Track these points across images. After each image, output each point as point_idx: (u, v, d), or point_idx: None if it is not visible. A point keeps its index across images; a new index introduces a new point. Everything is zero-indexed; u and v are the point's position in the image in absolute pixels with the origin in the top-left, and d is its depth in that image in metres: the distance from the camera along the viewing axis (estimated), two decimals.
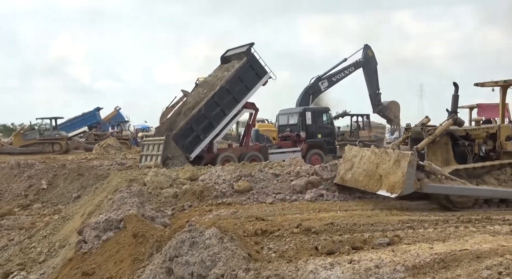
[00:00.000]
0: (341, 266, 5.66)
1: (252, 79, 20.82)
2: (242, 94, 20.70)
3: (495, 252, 5.89)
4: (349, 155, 11.64)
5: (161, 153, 19.05)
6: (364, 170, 10.51)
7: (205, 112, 20.04)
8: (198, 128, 19.95)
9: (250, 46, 20.89)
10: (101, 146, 29.89)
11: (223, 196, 10.99)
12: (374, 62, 29.72)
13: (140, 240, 6.75)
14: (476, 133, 10.87)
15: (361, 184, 10.41)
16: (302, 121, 23.09)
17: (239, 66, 20.49)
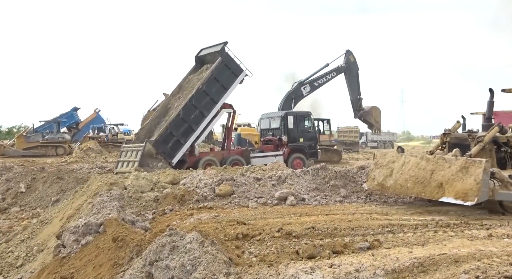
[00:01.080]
0: (322, 270, 5.69)
1: (229, 79, 20.72)
2: (219, 94, 20.55)
3: (472, 257, 5.98)
4: (383, 160, 11.58)
5: (138, 159, 18.89)
6: (411, 176, 10.39)
7: (184, 116, 19.90)
8: (178, 133, 19.79)
9: (224, 45, 20.73)
10: (81, 149, 29.58)
11: (204, 200, 10.97)
12: (356, 67, 29.96)
13: (120, 244, 6.68)
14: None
15: (413, 191, 10.31)
16: (284, 125, 23.16)
17: (214, 67, 20.36)
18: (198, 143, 21.54)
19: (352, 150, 46.52)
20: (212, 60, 21.21)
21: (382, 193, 11.51)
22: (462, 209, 10.40)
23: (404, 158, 11.08)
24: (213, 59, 21.22)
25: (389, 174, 11.14)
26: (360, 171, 13.04)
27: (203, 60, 22.19)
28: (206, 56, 21.98)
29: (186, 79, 22.15)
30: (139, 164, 18.64)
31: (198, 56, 22.32)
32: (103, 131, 42.08)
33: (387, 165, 11.36)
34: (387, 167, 11.34)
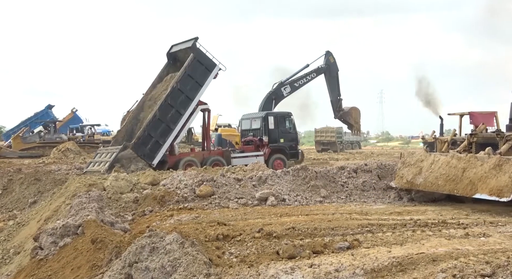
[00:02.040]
0: (302, 270, 5.71)
1: (202, 74, 20.56)
2: (194, 91, 20.42)
3: (450, 255, 6.06)
4: (411, 159, 12.12)
5: (111, 160, 18.69)
6: (442, 174, 10.94)
7: (161, 116, 19.71)
8: (156, 134, 19.60)
9: (195, 41, 20.56)
10: (59, 149, 29.17)
11: (184, 201, 10.92)
12: (336, 68, 30.13)
13: (99, 246, 6.61)
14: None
15: (444, 188, 10.85)
16: (264, 126, 23.17)
17: (187, 64, 20.17)
18: (177, 142, 21.40)
19: (331, 149, 46.85)
20: (184, 57, 21.00)
21: (411, 190, 11.95)
22: (440, 209, 10.57)
23: (433, 156, 11.71)
24: (184, 55, 21.01)
25: (418, 172, 11.69)
26: (340, 171, 13.12)
27: (175, 56, 21.96)
28: (177, 52, 21.76)
29: (159, 77, 21.94)
30: (110, 164, 18.45)
31: (169, 53, 22.09)
32: (80, 132, 41.54)
33: (416, 163, 11.91)
34: (415, 165, 11.88)
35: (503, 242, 7.03)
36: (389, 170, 13.23)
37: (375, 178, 12.94)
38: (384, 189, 12.61)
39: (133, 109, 21.53)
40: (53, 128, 34.57)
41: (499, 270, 5.09)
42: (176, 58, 21.95)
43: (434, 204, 11.47)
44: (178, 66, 21.40)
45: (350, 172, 13.03)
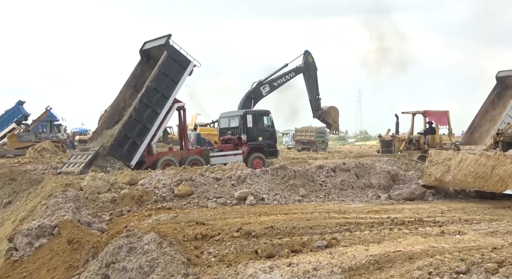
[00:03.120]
0: (280, 269, 5.73)
1: (177, 72, 20.28)
2: (170, 89, 20.12)
3: (426, 253, 6.15)
4: (438, 158, 12.56)
5: (86, 161, 18.46)
6: (471, 172, 11.47)
7: (137, 116, 19.43)
8: (133, 134, 19.32)
9: (168, 38, 20.26)
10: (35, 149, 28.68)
11: (163, 201, 10.86)
12: (314, 68, 30.27)
13: (75, 246, 6.54)
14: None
15: (474, 185, 11.51)
16: (243, 124, 23.15)
17: (161, 62, 19.87)
18: (155, 141, 21.22)
19: (310, 149, 47.14)
20: (158, 54, 20.72)
21: (439, 187, 12.48)
22: (416, 207, 10.72)
23: (461, 155, 12.26)
24: (158, 53, 20.73)
25: (446, 170, 12.13)
26: (318, 170, 13.18)
27: (149, 54, 21.68)
28: (151, 50, 21.46)
29: (133, 75, 21.70)
30: (85, 166, 18.21)
31: (142, 50, 21.78)
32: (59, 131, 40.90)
33: (443, 162, 12.32)
34: (443, 164, 12.30)
35: (477, 240, 7.15)
36: (367, 168, 13.36)
37: (353, 176, 13.04)
38: (362, 188, 12.72)
39: (108, 109, 21.22)
40: (49, 127, 34.12)
41: (473, 267, 5.18)
42: (149, 55, 21.67)
43: (411, 203, 11.64)
44: (152, 63, 21.12)
45: (328, 171, 13.11)
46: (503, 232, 7.85)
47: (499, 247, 6.40)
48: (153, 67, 20.59)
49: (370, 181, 12.93)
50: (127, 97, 21.22)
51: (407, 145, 23.56)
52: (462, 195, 12.59)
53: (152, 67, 20.69)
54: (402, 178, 13.39)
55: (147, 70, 21.14)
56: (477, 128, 28.02)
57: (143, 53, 21.74)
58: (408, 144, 23.69)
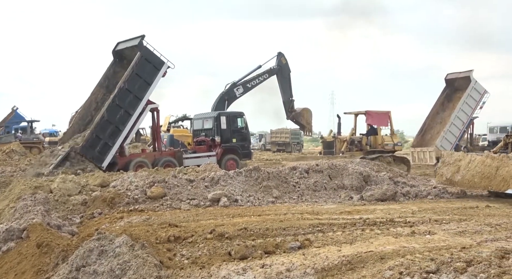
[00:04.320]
0: (253, 271, 5.73)
1: (151, 73, 20.09)
2: (143, 90, 19.93)
3: (397, 253, 6.24)
4: (450, 159, 13.28)
5: (56, 162, 18.18)
6: (478, 172, 12.21)
7: (109, 117, 19.19)
8: (104, 136, 19.07)
9: (142, 39, 20.08)
10: (4, 151, 28.05)
11: (135, 203, 10.74)
12: (288, 69, 30.38)
13: (45, 250, 6.40)
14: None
15: (480, 185, 12.21)
16: (217, 126, 23.09)
17: (134, 62, 19.69)
18: (127, 143, 20.99)
19: (285, 150, 47.38)
20: (131, 55, 20.53)
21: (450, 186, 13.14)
22: (388, 208, 10.86)
23: (470, 156, 12.95)
24: (131, 54, 20.54)
25: (456, 170, 12.85)
26: (292, 171, 13.23)
27: (121, 54, 21.45)
28: (124, 50, 21.24)
29: (105, 76, 21.45)
30: (54, 167, 17.91)
31: (115, 51, 21.52)
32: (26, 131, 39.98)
33: (454, 163, 13.05)
34: (454, 164, 13.02)
35: (447, 239, 7.29)
36: (339, 170, 13.47)
37: (326, 178, 13.14)
38: (334, 189, 12.82)
39: (80, 110, 20.90)
40: (29, 129, 33.50)
41: (443, 267, 5.28)
42: (122, 56, 21.45)
43: (383, 203, 11.79)
44: (125, 64, 20.91)
45: (301, 172, 13.17)
46: (471, 231, 8.03)
47: (468, 247, 6.55)
48: (126, 68, 20.37)
49: (342, 182, 13.05)
50: (99, 98, 20.96)
51: (349, 146, 23.60)
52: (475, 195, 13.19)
53: (125, 68, 20.47)
54: (374, 178, 13.55)
55: (120, 71, 20.93)
56: (428, 131, 28.47)
57: (116, 54, 21.47)
58: (350, 145, 23.70)
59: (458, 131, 26.96)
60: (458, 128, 26.89)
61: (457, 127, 26.86)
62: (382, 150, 23.79)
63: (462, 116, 27.02)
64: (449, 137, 26.56)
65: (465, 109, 27.08)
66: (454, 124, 26.75)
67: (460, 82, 28.05)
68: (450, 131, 26.62)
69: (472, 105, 27.29)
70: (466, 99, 27.04)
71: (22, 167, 21.15)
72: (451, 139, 26.60)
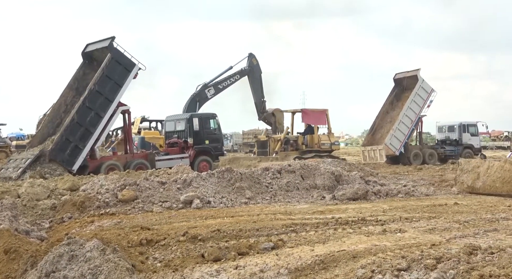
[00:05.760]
0: (227, 272, 5.73)
1: (122, 75, 19.95)
2: (114, 92, 19.77)
3: (369, 252, 6.31)
4: (468, 166, 13.67)
5: (25, 166, 17.78)
6: (498, 178, 12.59)
7: (79, 119, 18.97)
8: (75, 138, 18.83)
9: (112, 41, 19.94)
10: None
11: (106, 206, 10.59)
12: (259, 70, 30.44)
13: (13, 256, 6.24)
14: None
15: (502, 190, 12.46)
16: (189, 127, 22.98)
17: (104, 64, 19.49)
18: (98, 145, 20.71)
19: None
20: (101, 56, 20.30)
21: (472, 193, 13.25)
22: (359, 207, 10.99)
23: (488, 162, 13.44)
24: (101, 55, 20.31)
25: (476, 177, 13.19)
26: (264, 172, 13.26)
27: (91, 56, 21.14)
28: (93, 52, 20.97)
29: (74, 78, 21.11)
30: (23, 170, 17.53)
31: (84, 52, 21.21)
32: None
33: (473, 170, 13.42)
34: (473, 171, 13.38)
35: (417, 237, 7.42)
36: (311, 170, 13.56)
37: (299, 178, 13.21)
38: (307, 189, 12.90)
39: (49, 113, 20.49)
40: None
41: (413, 264, 5.37)
42: (92, 57, 21.14)
43: (354, 202, 11.92)
44: (95, 65, 20.63)
45: (274, 173, 13.22)
46: (440, 229, 8.19)
47: (437, 244, 6.68)
48: (96, 69, 20.13)
49: (315, 182, 13.14)
50: (68, 100, 20.61)
51: (284, 146, 23.45)
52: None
53: (95, 69, 20.21)
54: (345, 178, 13.69)
55: (90, 73, 20.65)
56: (378, 130, 28.99)
57: (86, 55, 21.16)
58: (285, 145, 23.51)
59: (407, 129, 27.45)
60: (407, 127, 27.40)
61: (406, 126, 27.37)
62: (319, 149, 23.71)
63: (410, 115, 27.56)
64: (398, 135, 27.09)
65: (413, 107, 27.62)
66: (402, 122, 27.27)
67: (408, 81, 28.60)
68: (399, 129, 27.13)
69: (420, 104, 27.83)
70: (414, 98, 27.60)
71: None
72: (400, 137, 27.12)
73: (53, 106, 20.66)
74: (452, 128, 30.40)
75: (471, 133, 29.83)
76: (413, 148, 28.32)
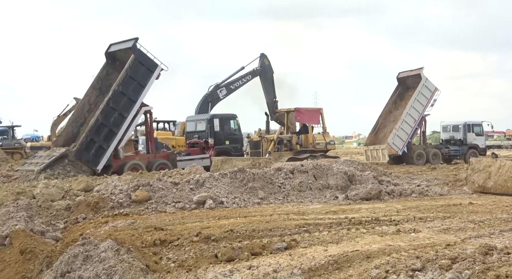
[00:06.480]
0: (241, 273, 5.73)
1: (145, 75, 20.20)
2: (137, 93, 20.06)
3: (383, 252, 6.28)
4: (479, 166, 13.57)
5: (48, 162, 18.10)
6: (510, 177, 12.58)
7: (103, 120, 19.29)
8: (99, 139, 19.14)
9: (136, 42, 20.17)
10: None
11: (120, 207, 10.65)
12: (271, 71, 30.43)
13: (28, 256, 6.31)
14: None
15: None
16: (210, 128, 23.15)
17: (128, 65, 19.76)
18: (122, 145, 21.00)
19: None
20: (124, 57, 20.55)
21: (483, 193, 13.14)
22: (373, 207, 10.93)
23: (499, 162, 13.34)
24: (124, 56, 20.56)
25: (487, 177, 13.13)
26: (277, 172, 13.24)
27: (114, 56, 21.39)
28: (116, 52, 21.23)
29: (98, 78, 21.37)
30: (46, 166, 17.87)
31: (108, 52, 21.47)
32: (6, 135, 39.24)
33: (484, 169, 13.34)
34: (484, 171, 13.30)
35: (431, 237, 7.37)
36: (324, 170, 13.51)
37: (311, 178, 13.16)
38: (320, 189, 12.85)
39: (74, 112, 20.86)
40: (11, 134, 33.12)
41: (428, 264, 5.32)
42: (115, 58, 21.40)
43: (368, 202, 11.86)
44: (118, 65, 20.92)
45: (287, 173, 13.20)
46: (455, 228, 8.12)
47: (452, 244, 6.62)
48: (118, 69, 20.49)
49: (327, 182, 13.09)
50: (92, 100, 20.98)
51: (277, 146, 22.99)
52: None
53: (118, 69, 20.57)
54: (358, 178, 13.62)
55: (113, 73, 20.98)
56: (381, 129, 28.62)
57: (109, 55, 21.44)
58: (278, 145, 22.97)
59: (410, 128, 27.08)
60: (410, 126, 27.03)
61: (408, 125, 27.00)
62: (314, 149, 23.21)
63: (413, 114, 27.17)
64: (401, 134, 26.73)
65: (416, 106, 27.22)
66: (405, 122, 26.90)
67: (411, 80, 28.19)
68: (402, 128, 26.76)
69: (423, 103, 27.43)
70: (417, 97, 27.20)
71: (3, 173, 20.82)
72: (403, 136, 26.77)
73: (77, 105, 20.97)
74: (456, 128, 29.88)
75: (476, 133, 29.31)
76: (416, 148, 27.95)
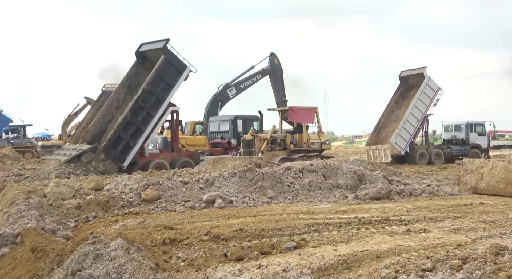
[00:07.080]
0: (250, 272, 5.73)
1: (173, 76, 20.52)
2: (165, 93, 20.38)
3: (393, 252, 6.25)
4: (471, 166, 13.47)
5: (75, 154, 18.51)
6: (502, 178, 12.42)
7: (131, 118, 19.60)
8: (126, 136, 19.46)
9: (166, 43, 20.52)
10: None
11: (130, 206, 10.70)
12: (280, 70, 30.47)
13: (40, 254, 6.35)
14: None
15: (506, 191, 12.26)
16: (233, 128, 23.25)
17: (158, 65, 20.08)
18: (148, 143, 21.20)
19: None
20: (154, 57, 20.88)
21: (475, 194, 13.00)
22: (383, 207, 10.89)
23: (492, 163, 13.20)
24: (154, 56, 20.89)
25: (479, 178, 13.01)
26: (286, 171, 13.23)
27: (144, 55, 21.71)
28: (147, 52, 21.57)
29: (127, 76, 21.61)
30: (72, 157, 18.28)
31: (138, 52, 21.77)
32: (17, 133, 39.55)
33: (477, 170, 13.23)
34: (476, 172, 13.18)
35: (442, 237, 7.32)
36: (334, 169, 13.48)
37: (321, 177, 13.14)
38: (329, 188, 12.82)
39: (102, 109, 21.19)
40: (23, 133, 33.56)
41: (438, 264, 5.29)
42: (145, 57, 21.71)
43: (377, 202, 11.81)
44: (147, 65, 21.23)
45: (296, 172, 13.18)
46: (466, 229, 8.07)
47: (463, 244, 6.57)
48: (147, 69, 20.81)
49: (337, 181, 13.06)
50: (120, 97, 21.27)
51: (270, 145, 22.64)
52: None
53: (147, 69, 20.90)
54: (368, 177, 13.58)
55: (142, 72, 21.30)
56: (383, 129, 28.29)
57: (139, 54, 21.72)
58: (271, 144, 22.50)
59: (413, 128, 26.77)
60: (412, 126, 26.72)
61: (411, 125, 26.69)
62: (308, 149, 22.80)
63: (416, 114, 26.85)
64: (403, 134, 26.42)
65: (419, 106, 26.86)
66: (408, 121, 26.60)
67: (414, 79, 27.82)
68: (404, 128, 26.44)
69: (426, 102, 27.06)
70: (420, 96, 26.84)
71: (15, 172, 21.00)
72: (405, 136, 26.46)
73: (106, 102, 21.28)
74: (459, 128, 29.53)
75: (478, 133, 28.97)
76: (418, 148, 27.69)
